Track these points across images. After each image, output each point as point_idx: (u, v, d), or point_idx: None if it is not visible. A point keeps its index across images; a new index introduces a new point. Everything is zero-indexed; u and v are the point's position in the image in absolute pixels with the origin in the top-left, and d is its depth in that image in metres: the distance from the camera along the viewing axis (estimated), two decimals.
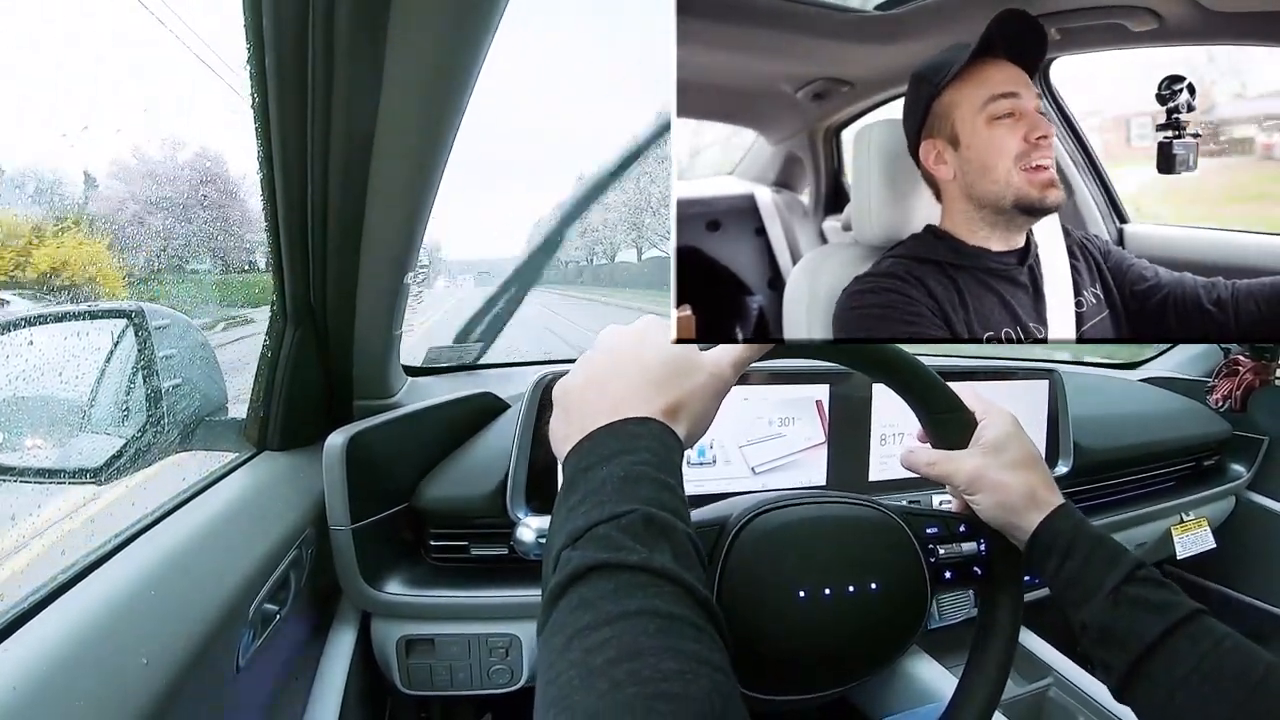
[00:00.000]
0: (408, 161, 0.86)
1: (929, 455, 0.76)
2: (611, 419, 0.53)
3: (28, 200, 1.23)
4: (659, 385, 0.56)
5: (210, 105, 1.15)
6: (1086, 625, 0.65)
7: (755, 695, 0.71)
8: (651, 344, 0.58)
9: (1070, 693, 1.22)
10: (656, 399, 0.55)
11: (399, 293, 1.08)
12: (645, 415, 0.54)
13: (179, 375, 1.01)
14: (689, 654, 0.39)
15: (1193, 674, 0.58)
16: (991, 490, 0.72)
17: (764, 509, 0.73)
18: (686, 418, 0.56)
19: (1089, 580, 0.65)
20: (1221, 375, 1.86)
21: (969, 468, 0.73)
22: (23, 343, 0.87)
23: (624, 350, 0.59)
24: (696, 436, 0.59)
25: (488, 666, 1.14)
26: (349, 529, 1.04)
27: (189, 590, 0.75)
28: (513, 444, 1.13)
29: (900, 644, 0.77)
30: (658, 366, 0.57)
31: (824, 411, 1.28)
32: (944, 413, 0.75)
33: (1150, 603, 0.62)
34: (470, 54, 0.75)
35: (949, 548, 0.76)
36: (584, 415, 0.55)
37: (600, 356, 0.59)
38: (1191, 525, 1.74)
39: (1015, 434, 0.74)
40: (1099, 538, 0.68)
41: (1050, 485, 0.72)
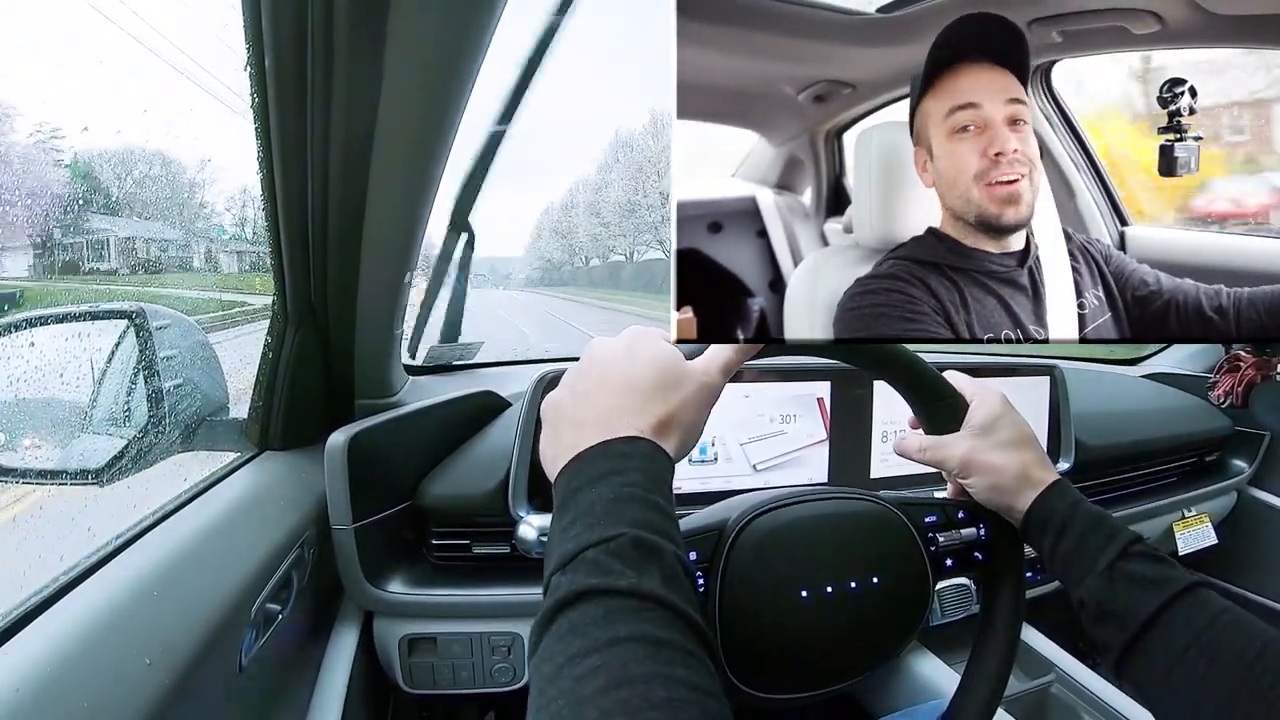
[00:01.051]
0: (408, 161, 0.86)
1: (920, 441, 0.75)
2: (601, 438, 0.52)
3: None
4: (647, 399, 0.55)
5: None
6: (1084, 602, 0.65)
7: (759, 694, 0.71)
8: (639, 355, 0.58)
9: (1072, 689, 1.22)
10: (645, 414, 0.55)
11: (400, 292, 1.08)
12: (634, 433, 0.53)
13: (180, 375, 1.00)
14: (679, 680, 0.39)
15: (1190, 649, 0.58)
16: (984, 472, 0.71)
17: (763, 510, 0.73)
18: (677, 431, 0.56)
19: (1084, 557, 0.65)
20: (1223, 371, 1.85)
21: (960, 451, 0.72)
22: (24, 344, 0.87)
23: (611, 364, 0.58)
24: (689, 448, 0.58)
25: (490, 665, 1.15)
26: (351, 528, 1.04)
27: (191, 590, 0.75)
28: (514, 442, 1.13)
29: (904, 638, 0.77)
30: (645, 379, 0.56)
31: (825, 408, 1.28)
32: (935, 399, 0.74)
33: (1146, 578, 0.62)
34: (469, 53, 0.75)
35: (948, 535, 0.76)
36: (573, 434, 0.54)
37: (588, 369, 0.59)
38: (1193, 521, 1.75)
39: (1005, 414, 0.73)
40: (1095, 514, 0.67)
41: (1044, 463, 0.72)
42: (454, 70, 0.76)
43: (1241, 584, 1.91)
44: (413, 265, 1.05)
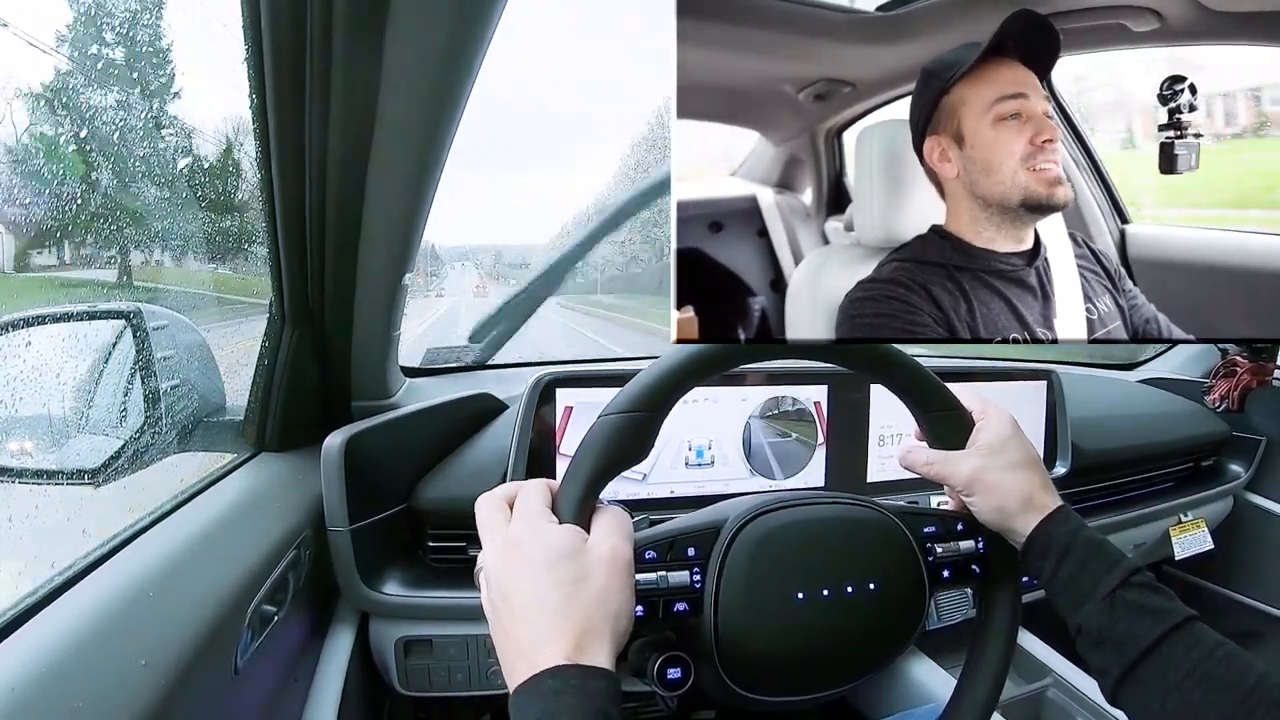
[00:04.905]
0: (406, 162, 0.86)
1: (927, 455, 0.76)
2: (529, 673, 0.51)
3: None
4: (560, 616, 0.53)
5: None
6: (1082, 628, 0.65)
7: (752, 695, 0.71)
8: (532, 560, 0.55)
9: (1068, 693, 1.22)
10: (562, 634, 0.52)
11: (398, 293, 1.08)
12: (560, 661, 0.51)
13: (177, 376, 1.00)
14: None
15: (1186, 680, 0.59)
16: (988, 491, 0.72)
17: (761, 511, 0.73)
18: (603, 630, 0.54)
19: (1085, 584, 0.65)
20: (1219, 376, 1.85)
21: (967, 469, 0.73)
22: (20, 344, 0.87)
23: (515, 585, 0.55)
24: (624, 636, 0.56)
25: (486, 668, 1.14)
26: (347, 530, 1.04)
27: (188, 591, 0.75)
28: (511, 444, 1.13)
29: (899, 644, 0.77)
30: (549, 593, 0.54)
31: (822, 413, 1.28)
32: (940, 411, 0.75)
33: (1146, 608, 0.63)
34: (469, 54, 0.75)
35: (947, 546, 0.76)
36: (508, 659, 0.54)
37: (498, 583, 0.56)
38: (1189, 526, 1.74)
39: (1014, 436, 0.74)
40: (1096, 541, 0.68)
41: (1048, 488, 0.72)
42: (453, 70, 0.76)
43: (1237, 589, 1.91)
44: (411, 266, 1.05)
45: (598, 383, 1.16)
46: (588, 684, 0.50)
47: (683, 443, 1.21)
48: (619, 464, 0.62)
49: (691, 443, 1.22)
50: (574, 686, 0.50)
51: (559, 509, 0.60)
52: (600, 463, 0.61)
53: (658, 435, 0.64)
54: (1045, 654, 1.30)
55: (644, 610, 0.67)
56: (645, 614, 0.67)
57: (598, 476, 0.61)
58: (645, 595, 0.67)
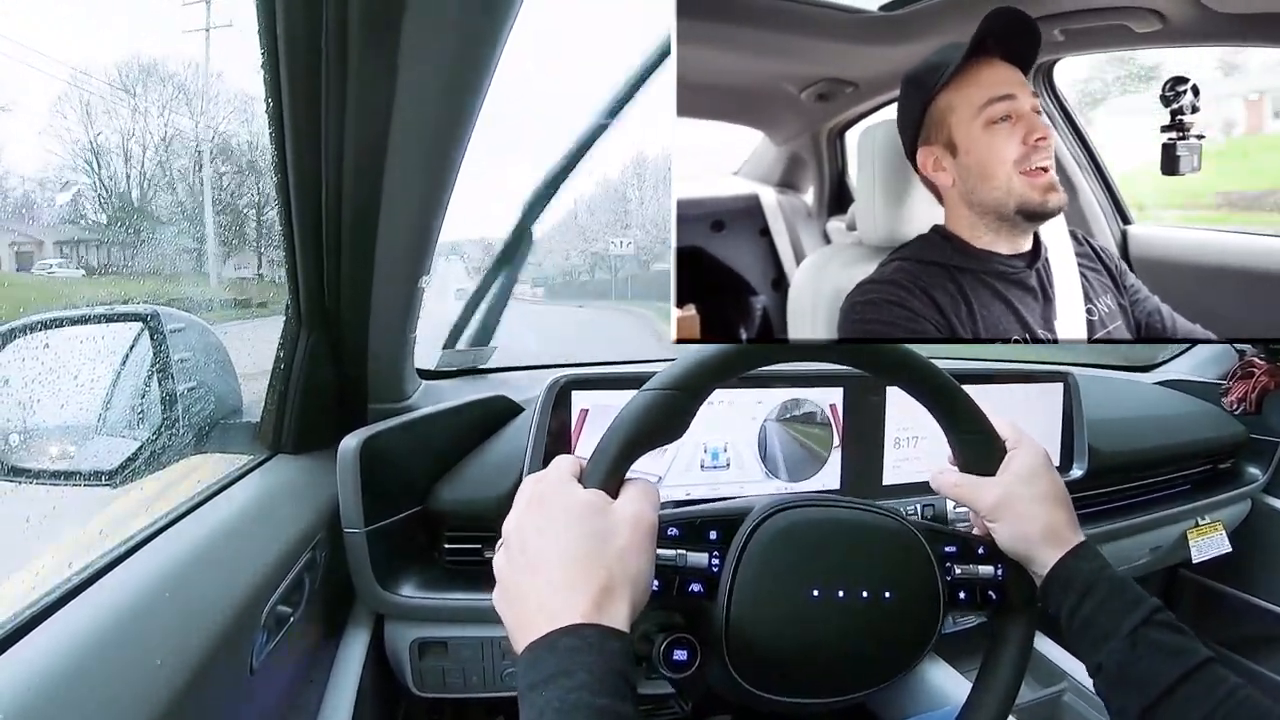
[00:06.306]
0: (422, 165, 0.86)
1: (956, 478, 0.76)
2: (546, 629, 0.50)
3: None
4: (582, 569, 0.53)
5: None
6: (1103, 667, 0.65)
7: (761, 693, 0.71)
8: (556, 519, 0.56)
9: (1085, 698, 1.21)
10: (583, 592, 0.52)
11: (414, 295, 1.08)
12: (577, 619, 0.51)
13: (194, 378, 1.01)
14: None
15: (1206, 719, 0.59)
16: (1014, 520, 0.72)
17: (787, 505, 0.73)
18: (622, 593, 0.54)
19: (1107, 622, 0.65)
20: (1236, 378, 1.83)
21: (994, 495, 0.73)
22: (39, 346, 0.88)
23: (538, 537, 0.56)
24: (642, 601, 0.56)
25: (501, 669, 1.14)
26: (363, 532, 1.04)
27: (203, 592, 0.75)
28: (526, 447, 1.13)
29: (908, 657, 0.76)
30: (570, 549, 0.54)
31: (838, 416, 1.28)
32: (972, 432, 0.75)
33: (1168, 647, 0.62)
34: (484, 55, 0.75)
35: (966, 568, 0.76)
36: (522, 618, 0.53)
37: (519, 539, 0.57)
38: (1207, 529, 1.73)
39: (1046, 468, 0.74)
40: (1120, 580, 0.68)
41: (1073, 524, 0.72)
42: (469, 72, 0.76)
43: (1255, 593, 1.89)
44: (427, 268, 1.05)
45: (614, 385, 1.16)
46: (605, 644, 0.50)
47: (698, 445, 1.21)
48: (651, 439, 0.63)
49: (707, 445, 1.22)
50: (591, 645, 0.50)
51: (587, 476, 0.61)
52: (633, 434, 0.62)
53: (691, 420, 0.64)
54: (1062, 658, 1.29)
55: (659, 585, 0.67)
56: (660, 589, 0.68)
57: (629, 448, 0.62)
58: (662, 571, 0.67)
